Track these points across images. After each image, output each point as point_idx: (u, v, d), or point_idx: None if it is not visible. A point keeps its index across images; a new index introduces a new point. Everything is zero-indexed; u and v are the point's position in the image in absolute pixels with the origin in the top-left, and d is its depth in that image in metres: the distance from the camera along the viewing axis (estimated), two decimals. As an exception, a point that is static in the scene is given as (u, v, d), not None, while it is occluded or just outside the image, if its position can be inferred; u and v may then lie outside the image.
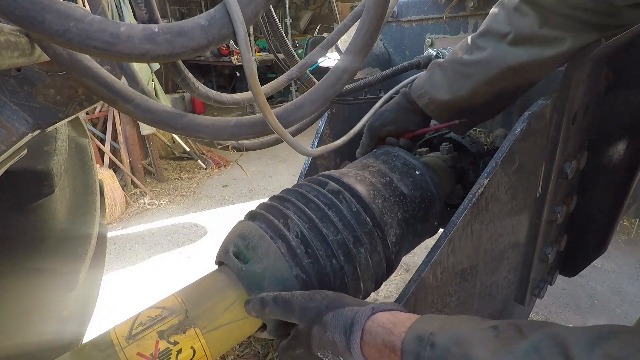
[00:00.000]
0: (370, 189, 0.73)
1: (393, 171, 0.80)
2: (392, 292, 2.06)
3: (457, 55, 0.80)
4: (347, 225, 0.66)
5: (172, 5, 7.04)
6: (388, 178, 0.78)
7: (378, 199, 0.73)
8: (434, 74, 0.84)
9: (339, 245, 0.65)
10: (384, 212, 0.72)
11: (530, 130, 0.76)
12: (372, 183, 0.75)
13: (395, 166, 0.81)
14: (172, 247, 2.66)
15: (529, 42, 0.71)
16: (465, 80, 0.79)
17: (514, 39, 0.72)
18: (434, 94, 0.83)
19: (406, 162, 0.82)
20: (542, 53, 0.71)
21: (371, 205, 0.70)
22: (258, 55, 5.97)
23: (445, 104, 0.83)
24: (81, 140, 1.00)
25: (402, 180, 0.79)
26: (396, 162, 0.82)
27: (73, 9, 0.33)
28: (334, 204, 0.68)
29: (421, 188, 0.80)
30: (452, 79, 0.81)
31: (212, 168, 4.12)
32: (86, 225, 0.93)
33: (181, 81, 0.56)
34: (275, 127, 0.47)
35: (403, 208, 0.76)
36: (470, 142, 1.04)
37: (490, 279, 0.87)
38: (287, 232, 0.63)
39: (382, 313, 0.49)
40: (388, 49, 1.31)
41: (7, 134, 0.44)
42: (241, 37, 0.38)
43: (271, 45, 0.98)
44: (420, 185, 0.81)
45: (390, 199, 0.75)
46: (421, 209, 0.79)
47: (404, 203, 0.76)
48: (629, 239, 2.44)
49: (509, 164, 0.75)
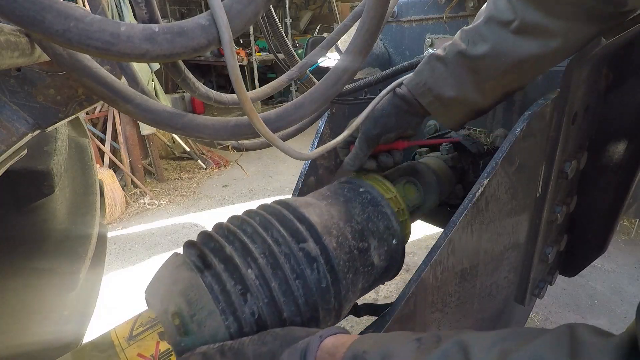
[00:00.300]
0: (347, 258, 0.64)
1: (374, 235, 0.71)
2: (392, 292, 2.06)
3: (461, 47, 0.74)
4: (310, 304, 0.58)
5: (172, 5, 7.04)
6: (366, 244, 0.69)
7: (350, 272, 0.64)
8: (436, 68, 0.77)
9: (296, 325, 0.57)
10: (350, 288, 0.64)
11: (530, 130, 0.76)
12: (350, 249, 0.66)
13: (377, 229, 0.72)
14: (172, 247, 2.66)
15: (534, 31, 0.68)
16: (473, 75, 0.74)
17: (519, 28, 0.68)
18: (439, 90, 0.76)
19: (389, 227, 0.74)
20: (548, 44, 0.68)
21: (342, 281, 0.62)
22: (258, 55, 5.97)
23: (453, 101, 0.77)
24: (81, 140, 1.00)
25: (377, 249, 0.71)
26: (379, 224, 0.73)
27: (73, 8, 0.33)
28: (303, 275, 0.58)
29: (390, 259, 0.74)
30: (458, 73, 0.74)
31: (212, 168, 4.12)
32: (86, 225, 0.93)
33: (181, 81, 0.56)
34: (264, 133, 0.46)
35: (365, 279, 0.69)
36: (470, 142, 1.04)
37: (490, 279, 0.87)
38: (242, 309, 0.54)
39: (328, 339, 0.50)
40: (388, 49, 1.31)
41: (7, 134, 0.44)
42: (226, 42, 0.37)
43: (271, 45, 0.98)
44: (391, 256, 0.74)
45: (360, 269, 0.67)
46: (380, 278, 0.75)
47: (369, 274, 0.70)
48: (629, 239, 2.44)
49: (509, 164, 0.75)
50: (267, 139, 0.47)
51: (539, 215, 0.90)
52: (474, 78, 0.74)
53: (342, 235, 0.66)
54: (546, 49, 0.68)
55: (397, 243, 0.74)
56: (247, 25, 0.40)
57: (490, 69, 0.72)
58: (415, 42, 1.23)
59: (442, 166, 0.99)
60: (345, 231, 0.67)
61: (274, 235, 0.61)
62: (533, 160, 0.83)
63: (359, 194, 0.76)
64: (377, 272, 0.71)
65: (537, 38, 0.68)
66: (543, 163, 0.86)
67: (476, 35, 0.73)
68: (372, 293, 2.04)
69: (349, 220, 0.69)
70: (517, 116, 1.07)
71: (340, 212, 0.70)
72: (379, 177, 0.91)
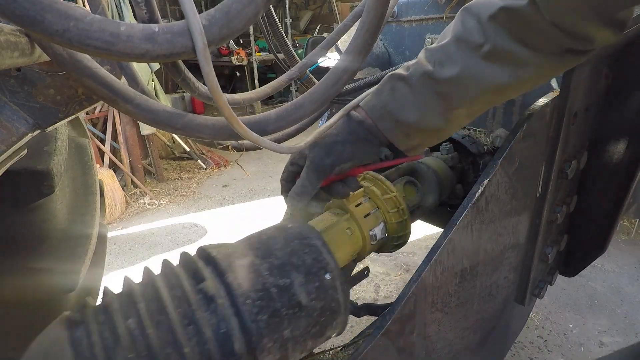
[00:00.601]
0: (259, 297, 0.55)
1: (298, 269, 0.61)
2: (392, 292, 2.06)
3: (427, 67, 0.66)
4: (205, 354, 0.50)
5: (172, 5, 7.04)
6: (288, 280, 0.59)
7: (264, 313, 0.54)
8: (397, 89, 0.68)
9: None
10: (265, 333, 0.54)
11: (530, 130, 0.76)
12: (264, 287, 0.57)
13: (303, 262, 0.62)
14: (172, 247, 2.66)
15: (505, 59, 0.62)
16: (440, 100, 0.66)
17: (490, 53, 0.62)
18: (401, 115, 0.67)
19: (318, 259, 0.63)
20: (520, 74, 0.62)
21: (250, 324, 0.52)
22: (258, 55, 5.97)
23: (414, 127, 0.68)
24: (81, 140, 1.00)
25: (304, 285, 0.60)
26: (306, 257, 0.63)
27: (73, 8, 0.33)
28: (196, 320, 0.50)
29: (326, 297, 0.62)
30: (423, 97, 0.66)
31: (212, 168, 4.12)
32: (86, 225, 0.93)
33: (181, 81, 0.56)
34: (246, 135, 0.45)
35: (294, 324, 0.58)
36: (470, 142, 1.04)
37: (490, 279, 0.87)
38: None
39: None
40: (388, 49, 1.31)
41: (7, 134, 0.44)
42: (200, 50, 0.36)
43: (271, 45, 0.98)
44: (326, 293, 0.62)
45: (281, 311, 0.56)
46: (318, 323, 0.61)
47: (297, 318, 0.58)
48: (629, 239, 2.44)
49: (509, 164, 0.75)
50: (251, 140, 0.47)
51: (539, 215, 0.90)
52: (440, 104, 0.66)
53: (255, 271, 0.57)
54: (518, 79, 0.63)
55: (331, 278, 0.62)
56: (247, 26, 0.40)
57: (458, 95, 0.65)
58: (415, 42, 1.23)
59: (442, 166, 0.99)
60: (259, 267, 0.58)
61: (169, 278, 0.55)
62: (533, 161, 0.83)
63: (284, 229, 0.68)
64: (309, 313, 0.59)
65: (509, 66, 0.62)
66: (543, 163, 0.86)
67: (444, 56, 0.65)
68: (372, 293, 2.05)
69: (266, 256, 0.60)
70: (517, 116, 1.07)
71: (258, 250, 0.62)
72: (378, 177, 0.91)
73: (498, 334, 1.07)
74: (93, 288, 1.06)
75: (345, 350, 0.87)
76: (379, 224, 0.84)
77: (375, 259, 2.28)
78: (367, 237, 0.81)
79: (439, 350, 0.81)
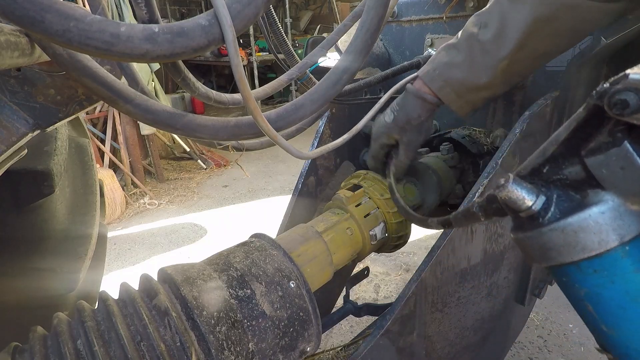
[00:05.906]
0: (216, 307, 0.54)
1: (259, 279, 0.60)
2: (392, 292, 2.06)
3: (472, 30, 0.74)
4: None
5: (172, 5, 7.03)
6: (249, 290, 0.58)
7: (222, 325, 0.53)
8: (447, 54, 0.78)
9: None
10: (226, 345, 0.53)
11: (530, 130, 0.76)
12: (224, 299, 0.56)
13: (264, 272, 0.61)
14: (172, 247, 2.66)
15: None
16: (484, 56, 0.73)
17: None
18: (450, 74, 0.77)
19: (280, 268, 0.62)
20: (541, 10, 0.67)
21: (208, 336, 0.52)
22: (258, 55, 5.97)
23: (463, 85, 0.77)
24: (81, 140, 1.00)
25: (267, 295, 0.59)
26: (267, 267, 0.62)
27: (73, 9, 0.33)
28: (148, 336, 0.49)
29: (292, 306, 0.61)
30: (469, 56, 0.75)
31: (212, 168, 4.12)
32: (86, 225, 0.93)
33: (181, 81, 0.56)
34: (267, 130, 0.46)
35: (258, 336, 0.57)
36: (470, 142, 1.04)
37: (490, 279, 0.87)
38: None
39: None
40: (388, 49, 1.31)
41: (7, 134, 0.44)
42: (230, 41, 0.37)
43: (271, 45, 0.98)
44: (291, 302, 0.61)
45: (243, 323, 0.56)
46: (287, 334, 0.60)
47: (262, 329, 0.57)
48: (629, 239, 2.44)
49: (509, 164, 0.76)
50: (270, 137, 0.47)
51: (539, 215, 0.90)
52: (484, 60, 0.74)
53: (212, 284, 0.57)
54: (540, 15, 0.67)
55: (296, 286, 0.62)
56: (247, 25, 0.40)
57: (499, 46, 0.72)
58: (415, 42, 1.23)
59: (442, 166, 0.99)
60: (217, 280, 0.58)
61: (122, 297, 0.55)
62: (533, 160, 0.83)
63: (245, 244, 0.68)
64: (275, 324, 0.58)
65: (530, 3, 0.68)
66: (543, 163, 0.86)
67: (487, 16, 0.73)
68: (372, 293, 2.05)
69: (225, 269, 0.60)
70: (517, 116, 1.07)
71: (217, 265, 0.61)
72: (378, 177, 0.91)
73: (498, 334, 1.07)
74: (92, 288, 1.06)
75: (345, 350, 0.87)
76: (379, 224, 0.84)
77: (375, 259, 2.28)
78: (367, 237, 0.81)
79: (439, 350, 0.81)
